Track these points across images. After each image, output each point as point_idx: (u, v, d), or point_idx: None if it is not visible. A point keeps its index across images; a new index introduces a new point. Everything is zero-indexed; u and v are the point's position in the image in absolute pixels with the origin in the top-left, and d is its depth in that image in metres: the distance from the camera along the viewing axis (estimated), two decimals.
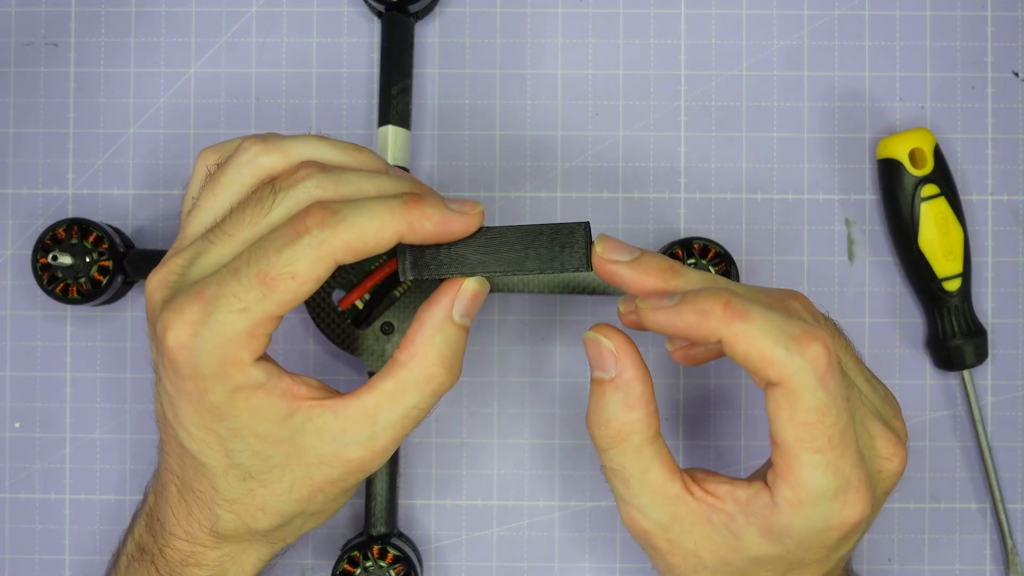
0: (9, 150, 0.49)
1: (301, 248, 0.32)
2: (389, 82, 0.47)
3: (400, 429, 0.35)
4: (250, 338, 0.32)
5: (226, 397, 0.33)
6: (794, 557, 0.34)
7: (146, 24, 0.50)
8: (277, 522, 0.36)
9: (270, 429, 0.34)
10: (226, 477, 0.35)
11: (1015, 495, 0.48)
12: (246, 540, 0.37)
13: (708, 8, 0.49)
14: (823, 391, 0.32)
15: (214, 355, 0.32)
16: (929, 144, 0.47)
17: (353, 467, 0.35)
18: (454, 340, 0.35)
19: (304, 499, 0.36)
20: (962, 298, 0.47)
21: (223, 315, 0.32)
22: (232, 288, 0.32)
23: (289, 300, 0.32)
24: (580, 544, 0.49)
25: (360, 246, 0.33)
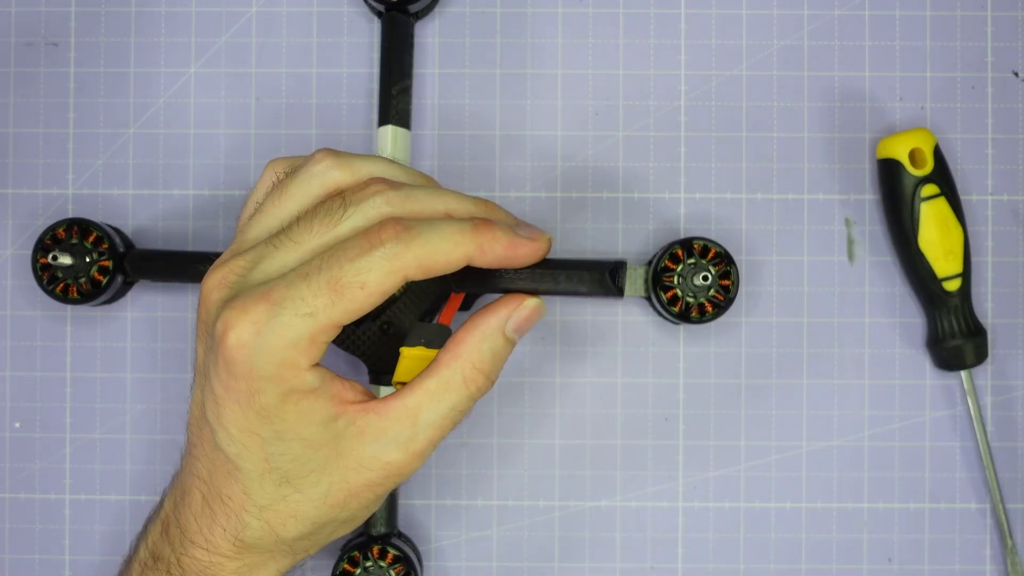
0: (9, 150, 0.49)
1: (375, 259, 0.32)
2: (389, 82, 0.47)
3: (439, 430, 0.35)
4: (311, 344, 0.33)
5: (277, 399, 0.33)
6: None
7: (146, 24, 0.50)
8: (307, 529, 0.36)
9: (315, 433, 0.34)
10: (261, 482, 0.35)
11: (1015, 495, 0.48)
12: (269, 551, 0.37)
13: (708, 8, 0.49)
14: None
15: (274, 357, 0.32)
16: (929, 144, 0.47)
17: (393, 470, 0.35)
18: (499, 351, 0.35)
19: (339, 505, 0.35)
20: (962, 298, 0.47)
21: (288, 317, 0.32)
22: (301, 292, 0.32)
23: (355, 310, 0.33)
24: (580, 544, 0.49)
25: (430, 264, 0.33)
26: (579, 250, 0.49)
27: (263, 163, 0.49)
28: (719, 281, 0.45)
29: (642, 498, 0.49)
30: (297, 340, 0.32)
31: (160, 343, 0.49)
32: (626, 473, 0.49)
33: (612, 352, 0.49)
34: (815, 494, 0.48)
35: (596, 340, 0.49)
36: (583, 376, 0.49)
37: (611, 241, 0.49)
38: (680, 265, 0.45)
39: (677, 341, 0.49)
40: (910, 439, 0.49)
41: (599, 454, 0.49)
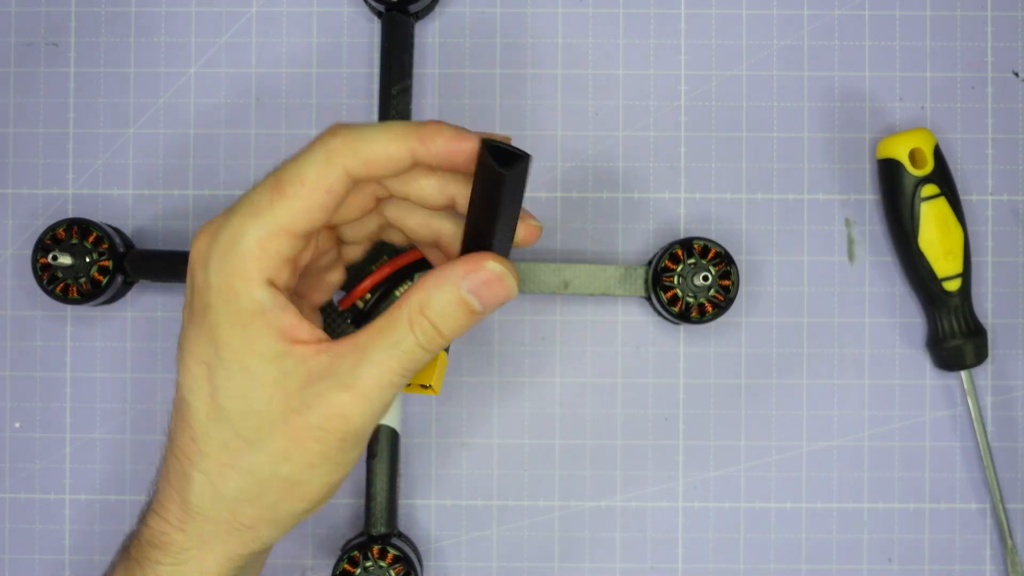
0: (9, 150, 0.49)
1: (314, 153, 0.32)
2: (389, 82, 0.47)
3: (383, 368, 0.33)
4: (261, 250, 0.32)
5: (225, 318, 0.33)
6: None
7: (146, 24, 0.50)
8: (247, 484, 0.34)
9: (259, 366, 0.33)
10: (206, 424, 0.34)
11: (1015, 495, 0.48)
12: (213, 522, 0.35)
13: (708, 8, 0.49)
14: None
15: (224, 264, 0.32)
16: (929, 144, 0.47)
17: (335, 411, 0.33)
18: (450, 304, 0.33)
19: (279, 454, 0.34)
20: (962, 298, 0.47)
21: (237, 219, 0.33)
22: (249, 196, 0.33)
23: (299, 208, 0.32)
24: (580, 544, 0.49)
25: (370, 155, 0.32)
26: (579, 250, 0.49)
27: (263, 163, 0.49)
28: (719, 281, 0.45)
29: (642, 498, 0.49)
30: (247, 245, 0.32)
31: (160, 343, 0.49)
32: (626, 473, 0.49)
33: (612, 352, 0.49)
34: (815, 494, 0.48)
35: (596, 340, 0.49)
36: (583, 376, 0.49)
37: (611, 241, 0.49)
38: (680, 265, 0.45)
39: (677, 341, 0.49)
40: (910, 439, 0.49)
41: (599, 454, 0.49)
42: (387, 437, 0.46)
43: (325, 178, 0.32)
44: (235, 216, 0.33)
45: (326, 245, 0.38)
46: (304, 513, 0.36)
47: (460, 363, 0.49)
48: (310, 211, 0.32)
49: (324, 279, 0.39)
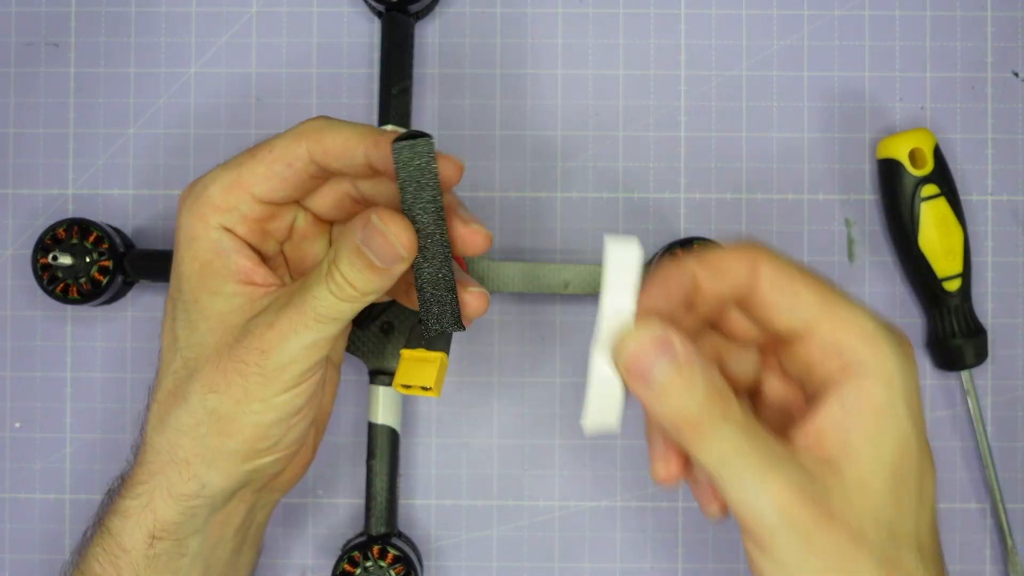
0: (9, 150, 0.50)
1: (287, 133, 0.36)
2: (389, 82, 0.47)
3: (303, 313, 0.34)
4: (221, 199, 0.36)
5: (187, 255, 0.36)
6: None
7: (146, 24, 0.50)
8: (183, 413, 0.36)
9: (208, 300, 0.36)
10: (164, 354, 0.37)
11: (1015, 495, 0.48)
12: (157, 452, 0.37)
13: (708, 8, 0.49)
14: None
15: (192, 207, 0.36)
16: (929, 144, 0.47)
17: (255, 345, 0.35)
18: (353, 258, 0.34)
19: (209, 385, 0.36)
20: (962, 298, 0.47)
21: (212, 172, 0.37)
22: (228, 159, 0.37)
23: (260, 173, 0.36)
24: (580, 544, 0.49)
25: (330, 144, 0.35)
26: (579, 250, 0.49)
27: None
28: None
29: (642, 498, 0.49)
30: (209, 190, 0.36)
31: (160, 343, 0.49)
32: (626, 473, 0.49)
33: None
34: None
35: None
36: (583, 376, 0.49)
37: None
38: None
39: None
40: None
41: (598, 454, 0.49)
42: (387, 437, 0.46)
43: (288, 152, 0.36)
44: (213, 169, 0.37)
45: (311, 231, 0.40)
46: (238, 456, 0.37)
47: (460, 363, 0.49)
48: (268, 177, 0.36)
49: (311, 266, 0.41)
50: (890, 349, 0.33)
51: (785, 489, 0.32)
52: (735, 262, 0.34)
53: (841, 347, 0.33)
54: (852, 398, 0.33)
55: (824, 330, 0.33)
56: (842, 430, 0.33)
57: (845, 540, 0.32)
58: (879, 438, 0.32)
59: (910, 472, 0.33)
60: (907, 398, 0.33)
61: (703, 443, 0.32)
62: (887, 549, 0.33)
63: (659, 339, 0.32)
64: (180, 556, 0.38)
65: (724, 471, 0.32)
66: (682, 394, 0.32)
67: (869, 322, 0.33)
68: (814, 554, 0.32)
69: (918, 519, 0.33)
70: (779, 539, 0.32)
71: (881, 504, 0.33)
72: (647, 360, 0.32)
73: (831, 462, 0.33)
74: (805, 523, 0.32)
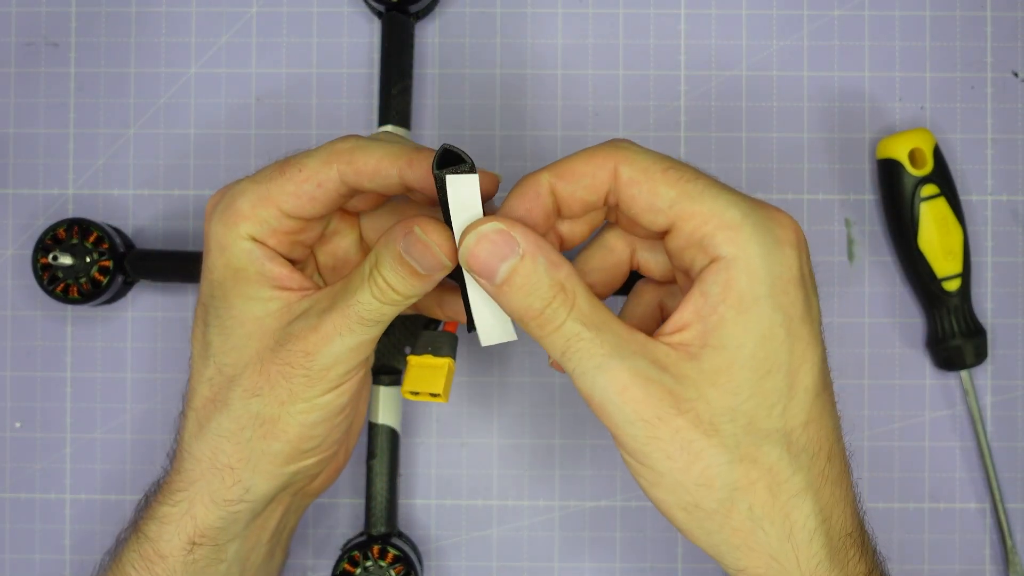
0: (10, 150, 0.50)
1: (318, 151, 0.36)
2: (389, 82, 0.47)
3: (346, 316, 0.34)
4: (251, 211, 0.36)
5: (220, 263, 0.36)
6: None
7: (146, 24, 0.50)
8: (225, 419, 0.36)
9: (243, 305, 0.36)
10: (197, 361, 0.37)
11: (1015, 495, 0.49)
12: (197, 460, 0.37)
13: (708, 8, 0.49)
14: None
15: (223, 216, 0.36)
16: (929, 144, 0.47)
17: (299, 348, 0.35)
18: (394, 264, 0.34)
19: (252, 390, 0.36)
20: (962, 298, 0.47)
21: (243, 183, 0.37)
22: (263, 168, 0.37)
23: (289, 191, 0.35)
24: (580, 544, 0.49)
25: (362, 165, 0.35)
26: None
27: (263, 163, 0.49)
28: None
29: (642, 498, 0.49)
30: (239, 202, 0.36)
31: (160, 343, 0.49)
32: (626, 473, 0.49)
33: None
34: None
35: None
36: None
37: None
38: None
39: None
40: (910, 439, 0.49)
41: (599, 454, 0.49)
42: (387, 437, 0.46)
43: (318, 172, 0.35)
44: (243, 181, 0.37)
45: (340, 226, 0.40)
46: (282, 457, 0.37)
47: (460, 363, 0.49)
48: (298, 196, 0.36)
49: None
50: (754, 236, 0.32)
51: (628, 379, 0.31)
52: (592, 167, 0.34)
53: (704, 240, 0.32)
54: (713, 289, 0.32)
55: (686, 225, 0.33)
56: (701, 321, 0.32)
57: (693, 432, 0.32)
58: (738, 328, 0.32)
59: (775, 364, 0.32)
60: (773, 285, 0.32)
61: (548, 335, 0.32)
62: (743, 443, 0.32)
63: (501, 234, 0.32)
64: (219, 562, 0.38)
65: (568, 363, 0.32)
66: (525, 288, 0.32)
67: (732, 210, 0.32)
68: (659, 446, 0.32)
69: (786, 413, 0.32)
70: (624, 430, 0.32)
71: (738, 396, 0.32)
72: (491, 257, 0.32)
73: (691, 354, 0.32)
74: (648, 413, 0.31)
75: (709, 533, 0.33)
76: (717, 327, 0.32)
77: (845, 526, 0.34)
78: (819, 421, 0.33)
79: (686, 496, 0.32)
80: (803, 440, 0.33)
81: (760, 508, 0.32)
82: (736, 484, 0.32)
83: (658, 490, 0.33)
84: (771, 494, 0.32)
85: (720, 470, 0.32)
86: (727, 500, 0.32)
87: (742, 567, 0.33)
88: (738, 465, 0.32)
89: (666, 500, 0.33)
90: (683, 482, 0.32)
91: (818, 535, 0.33)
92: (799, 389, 0.33)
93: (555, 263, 0.32)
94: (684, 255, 0.33)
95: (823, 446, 0.33)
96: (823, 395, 0.34)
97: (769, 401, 0.32)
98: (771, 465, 0.32)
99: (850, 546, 0.34)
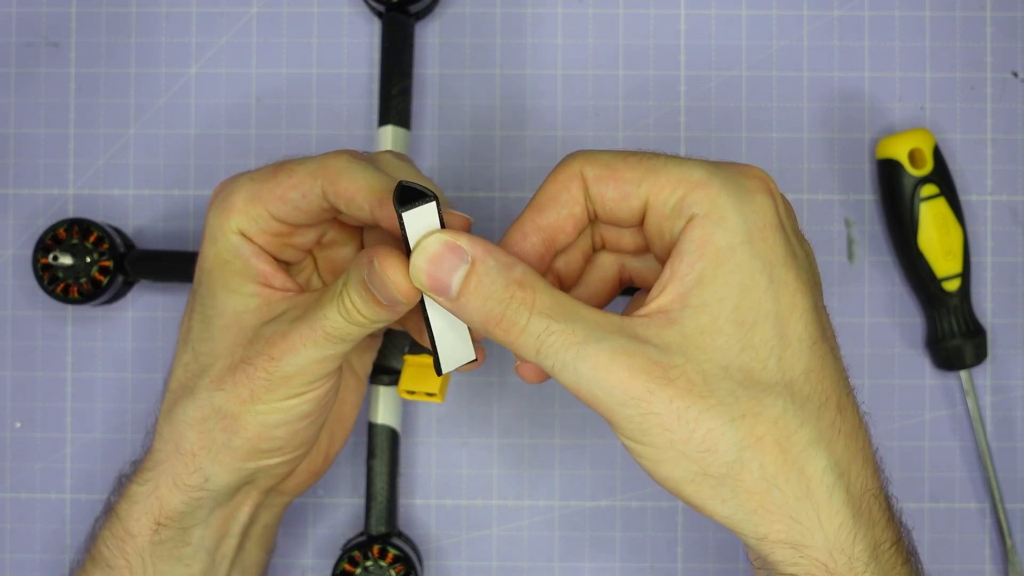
0: (10, 150, 0.50)
1: (313, 159, 0.36)
2: (389, 82, 0.47)
3: (313, 330, 0.34)
4: (243, 208, 0.36)
5: (210, 254, 0.37)
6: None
7: (147, 25, 0.50)
8: (191, 406, 0.36)
9: (224, 297, 0.36)
10: (179, 346, 0.38)
11: (1015, 495, 0.49)
12: (165, 441, 0.37)
13: (708, 8, 0.49)
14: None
15: (218, 210, 0.37)
16: (928, 144, 0.47)
17: (265, 351, 0.35)
18: (360, 289, 0.33)
19: (217, 382, 0.36)
20: (961, 298, 0.47)
21: (240, 179, 0.37)
22: (262, 166, 0.38)
23: (276, 195, 0.36)
24: (580, 544, 0.49)
25: (342, 189, 0.35)
26: None
27: (263, 163, 0.49)
28: None
29: (642, 498, 0.49)
30: (233, 198, 0.36)
31: (160, 343, 0.49)
32: (626, 473, 0.49)
33: None
34: None
35: None
36: None
37: None
38: None
39: None
40: (909, 439, 0.49)
41: (599, 454, 0.49)
42: (387, 437, 0.46)
43: (304, 183, 0.36)
44: (243, 175, 0.37)
45: (339, 237, 0.40)
46: (241, 453, 0.37)
47: None
48: (284, 201, 0.36)
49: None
50: (724, 189, 0.31)
51: (609, 360, 0.30)
52: (560, 184, 0.34)
53: (676, 206, 0.32)
54: (689, 247, 0.31)
55: (657, 199, 0.32)
56: (679, 282, 0.31)
57: (687, 398, 0.30)
58: (717, 282, 0.31)
59: (761, 313, 0.31)
60: (749, 234, 0.31)
61: (517, 338, 0.31)
62: (742, 399, 0.31)
63: (446, 245, 0.31)
64: (184, 545, 0.38)
65: (546, 360, 0.31)
66: (481, 294, 0.31)
67: (697, 170, 0.32)
68: (655, 421, 0.31)
69: (782, 363, 0.31)
70: (617, 412, 0.31)
71: (729, 351, 0.31)
72: (441, 270, 0.31)
73: (671, 319, 0.31)
74: (636, 390, 0.30)
75: (723, 501, 0.31)
76: (696, 285, 0.31)
77: (865, 483, 0.32)
78: (820, 369, 0.32)
79: (692, 466, 0.31)
80: (806, 389, 0.31)
81: (772, 465, 0.31)
82: (742, 443, 0.30)
83: (663, 467, 0.31)
84: (780, 449, 0.31)
85: (723, 431, 0.30)
86: (736, 462, 0.31)
87: (762, 534, 0.31)
88: (741, 422, 0.30)
89: (672, 476, 0.31)
90: (686, 452, 0.31)
91: (838, 490, 0.31)
92: (792, 337, 0.31)
93: (507, 264, 0.32)
94: (663, 231, 0.33)
95: (830, 396, 0.32)
96: (821, 343, 0.32)
97: (762, 353, 0.31)
98: (776, 418, 0.31)
99: (874, 506, 0.32)
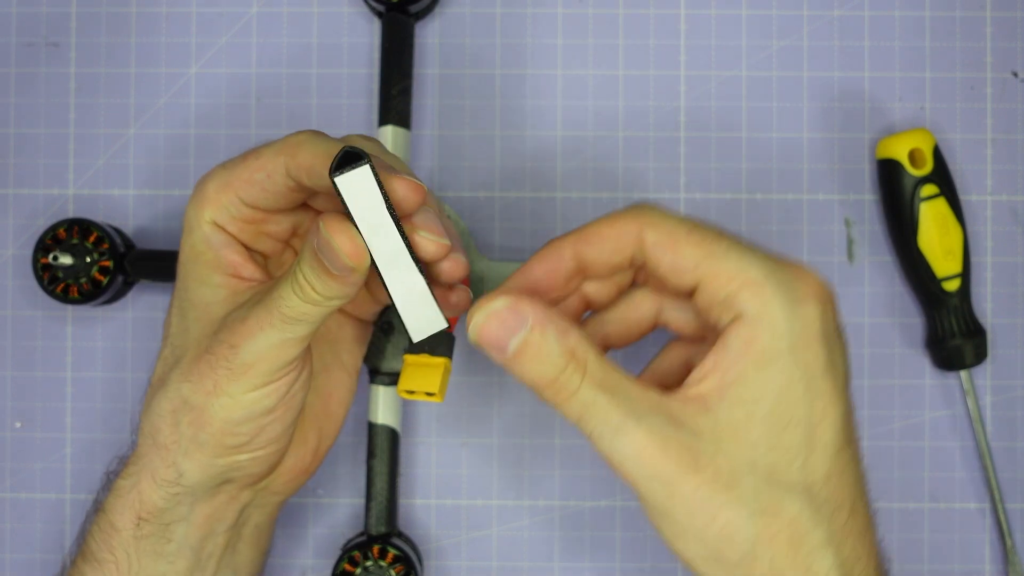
0: (10, 150, 0.50)
1: (277, 140, 0.36)
2: (389, 82, 0.47)
3: (270, 313, 0.34)
4: (214, 196, 0.36)
5: (187, 246, 0.37)
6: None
7: (147, 25, 0.50)
8: (165, 399, 0.36)
9: (196, 289, 0.37)
10: (163, 341, 0.38)
11: (1015, 495, 0.49)
12: (144, 436, 0.37)
13: (708, 8, 0.49)
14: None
15: (194, 200, 0.37)
16: (928, 144, 0.47)
17: (225, 339, 0.35)
18: (312, 263, 0.33)
19: (184, 374, 0.36)
20: (961, 298, 0.47)
21: (214, 168, 0.37)
22: (232, 157, 0.38)
23: (243, 176, 0.36)
24: (580, 544, 0.49)
25: (302, 159, 0.34)
26: None
27: None
28: None
29: None
30: (206, 187, 0.37)
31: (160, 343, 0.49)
32: None
33: (611, 352, 0.49)
34: None
35: None
36: None
37: None
38: None
39: None
40: (909, 439, 0.49)
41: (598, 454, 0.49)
42: (387, 437, 0.46)
43: (269, 163, 0.36)
44: (216, 167, 0.37)
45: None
46: (208, 448, 0.36)
47: (460, 363, 0.49)
48: (251, 184, 0.36)
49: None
50: (778, 294, 0.33)
51: (645, 439, 0.32)
52: (617, 231, 0.35)
53: (728, 299, 0.33)
54: (734, 344, 0.33)
55: (711, 284, 0.33)
56: (720, 375, 0.33)
57: (713, 487, 0.32)
58: (757, 382, 0.32)
59: (795, 418, 0.33)
60: (794, 341, 0.33)
61: (564, 403, 0.33)
62: (763, 495, 0.32)
63: (510, 310, 0.33)
64: (166, 541, 0.38)
65: (587, 427, 0.33)
66: (538, 359, 0.33)
67: (754, 269, 0.33)
68: (680, 503, 0.33)
69: (806, 467, 0.33)
70: (645, 489, 0.33)
71: (757, 449, 0.32)
72: (501, 332, 0.33)
73: (708, 408, 0.33)
74: (666, 472, 0.32)
75: None
76: (736, 381, 0.33)
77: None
78: (841, 476, 0.34)
79: (709, 549, 0.33)
80: (824, 493, 0.33)
81: (782, 561, 0.33)
82: (757, 537, 0.33)
83: (680, 542, 0.34)
84: (792, 547, 0.33)
85: (741, 524, 0.32)
86: (749, 553, 0.33)
87: None
88: (759, 518, 0.32)
89: (689, 551, 0.34)
90: (704, 537, 0.33)
91: None
92: (819, 444, 0.33)
93: (564, 330, 0.33)
94: (710, 313, 0.34)
95: (845, 500, 0.34)
96: (846, 450, 0.34)
97: (789, 455, 0.33)
98: (792, 518, 0.33)
99: None
